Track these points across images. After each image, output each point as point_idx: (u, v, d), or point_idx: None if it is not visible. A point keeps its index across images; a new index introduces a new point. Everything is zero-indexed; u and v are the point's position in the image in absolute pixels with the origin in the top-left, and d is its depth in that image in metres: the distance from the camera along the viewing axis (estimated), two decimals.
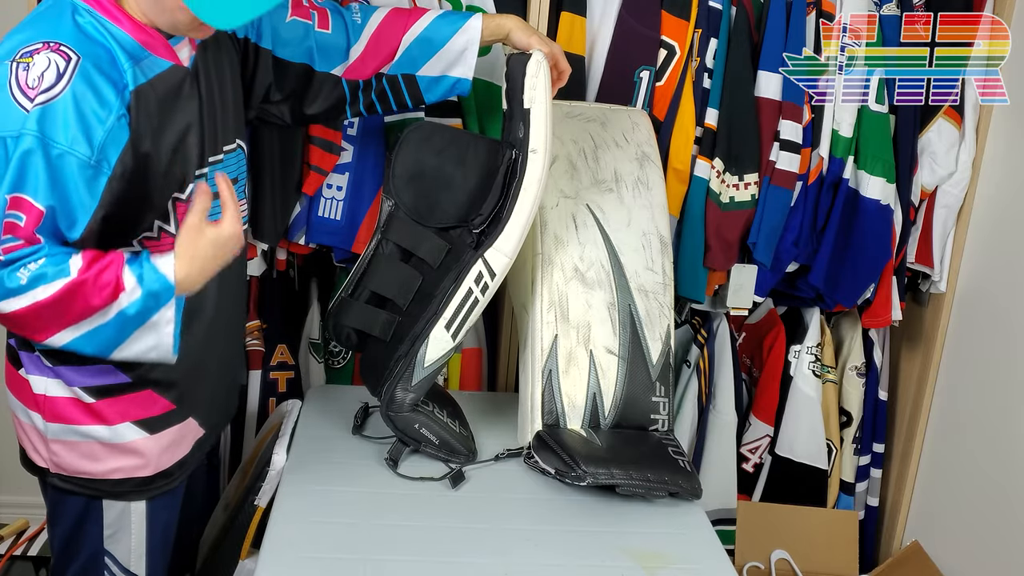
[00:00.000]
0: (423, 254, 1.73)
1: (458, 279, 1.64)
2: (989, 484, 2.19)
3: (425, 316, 1.66)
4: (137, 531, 1.55)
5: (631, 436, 1.71)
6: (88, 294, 1.26)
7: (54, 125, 1.24)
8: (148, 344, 1.33)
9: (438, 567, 1.41)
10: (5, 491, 2.61)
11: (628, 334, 1.75)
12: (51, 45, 1.26)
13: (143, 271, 1.28)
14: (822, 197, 2.19)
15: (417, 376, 1.65)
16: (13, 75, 1.24)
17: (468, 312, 1.64)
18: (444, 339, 1.64)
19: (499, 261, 1.63)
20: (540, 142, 1.61)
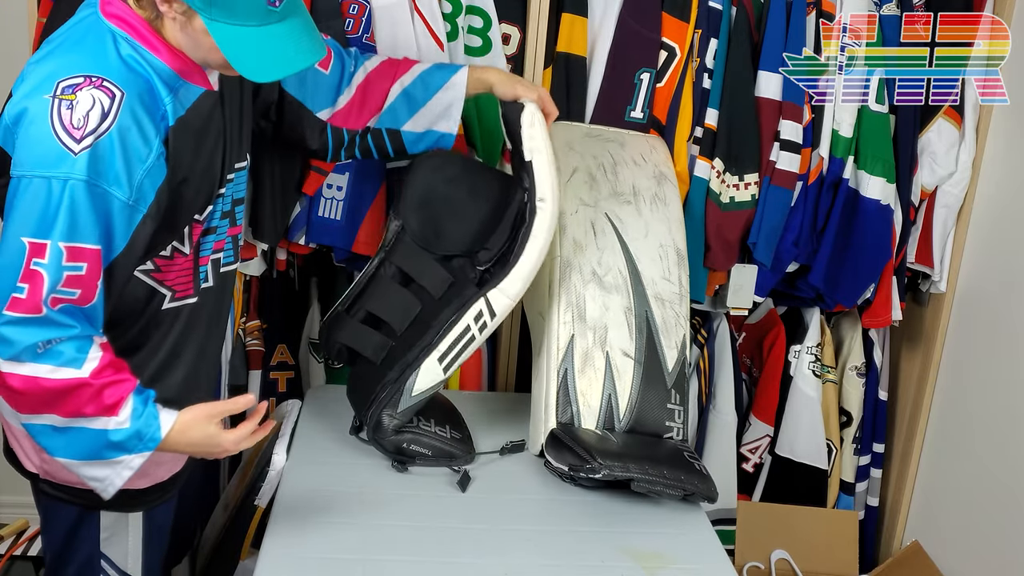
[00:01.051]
0: (425, 283, 1.72)
1: (458, 314, 1.64)
2: (989, 484, 2.19)
3: (419, 345, 1.65)
4: (134, 535, 1.54)
5: (646, 440, 1.70)
6: (85, 399, 1.25)
7: (100, 166, 1.23)
8: (100, 474, 1.31)
9: (438, 567, 1.41)
10: (5, 491, 2.61)
11: (644, 339, 1.75)
12: (94, 80, 1.24)
13: (144, 410, 1.28)
14: (822, 197, 2.19)
15: (404, 404, 1.65)
16: (56, 112, 1.22)
17: (463, 348, 1.65)
18: (435, 371, 1.65)
19: (501, 302, 1.64)
20: (547, 191, 1.63)
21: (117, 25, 1.29)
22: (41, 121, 1.22)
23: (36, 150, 1.22)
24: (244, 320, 2.14)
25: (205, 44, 1.29)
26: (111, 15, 1.30)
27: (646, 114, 2.07)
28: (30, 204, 1.21)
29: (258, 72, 1.29)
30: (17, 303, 1.22)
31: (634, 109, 2.07)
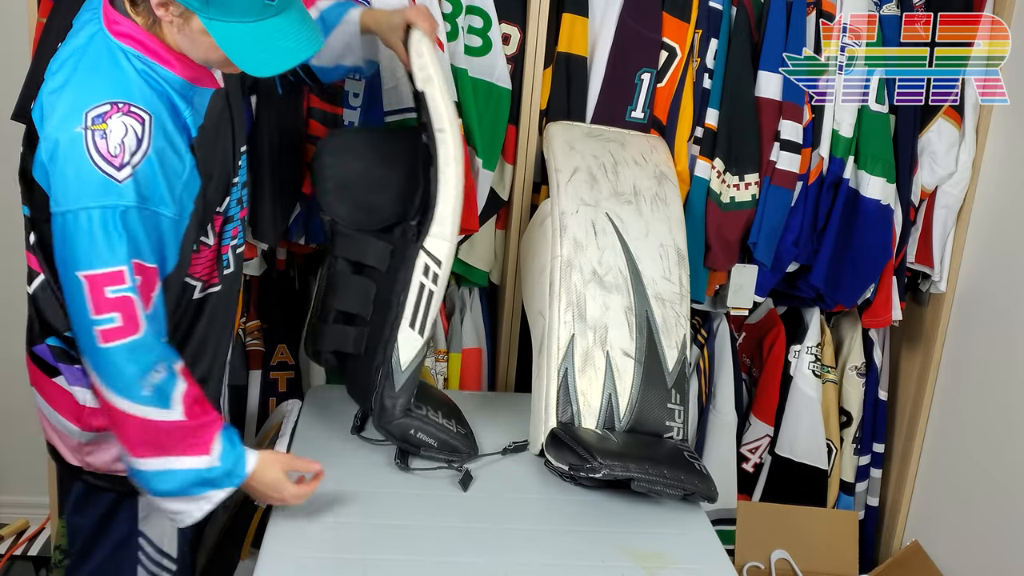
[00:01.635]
0: (372, 261, 1.72)
1: (406, 277, 1.63)
2: (989, 484, 2.19)
3: (388, 321, 1.65)
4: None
5: (647, 440, 1.70)
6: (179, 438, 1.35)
7: (145, 190, 1.27)
8: (182, 508, 1.40)
9: (438, 567, 1.41)
10: (5, 491, 2.61)
11: (645, 339, 1.75)
12: (120, 106, 1.27)
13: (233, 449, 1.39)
14: (822, 197, 2.19)
15: (399, 381, 1.64)
16: (91, 144, 1.24)
17: (427, 305, 1.63)
18: (412, 338, 1.63)
19: (439, 247, 1.62)
20: (444, 121, 1.58)
21: (127, 43, 1.31)
22: (78, 155, 1.24)
23: (79, 183, 1.25)
24: (244, 320, 2.14)
25: (204, 44, 1.30)
26: (119, 34, 1.31)
27: (647, 114, 2.08)
28: (87, 237, 1.25)
29: (259, 67, 1.30)
30: (114, 332, 1.28)
31: (635, 109, 2.07)
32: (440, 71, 1.59)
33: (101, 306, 1.27)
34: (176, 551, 1.62)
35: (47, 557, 2.31)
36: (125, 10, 1.31)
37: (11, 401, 2.50)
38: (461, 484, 1.63)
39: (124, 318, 1.27)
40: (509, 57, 2.04)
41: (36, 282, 1.43)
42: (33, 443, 2.20)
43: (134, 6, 1.31)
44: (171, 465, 1.35)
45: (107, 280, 1.26)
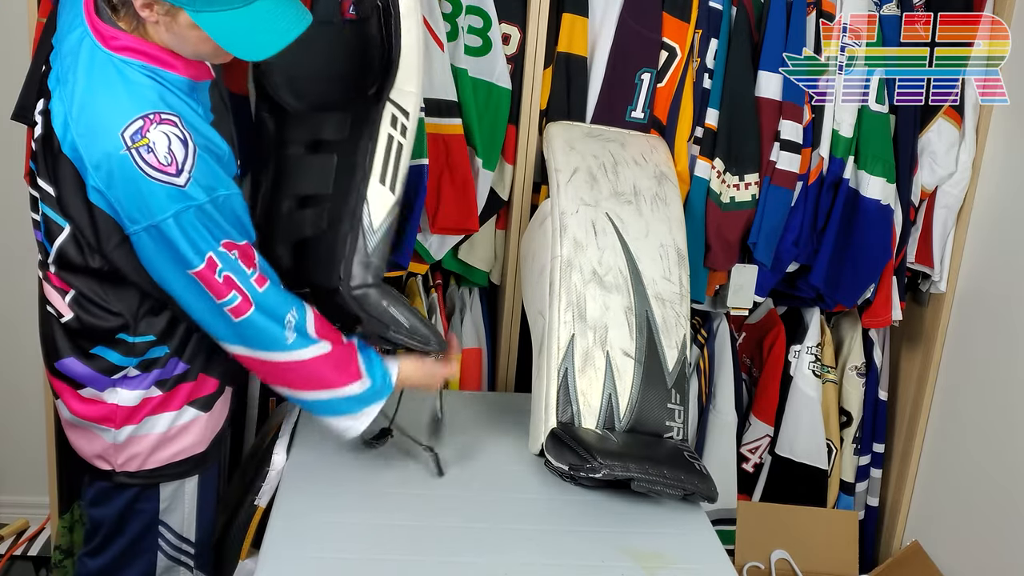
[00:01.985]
0: (329, 135, 1.65)
1: (373, 133, 1.58)
2: (989, 484, 2.19)
3: (355, 186, 1.58)
4: (190, 501, 1.62)
5: (647, 440, 1.70)
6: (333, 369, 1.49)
7: (207, 182, 1.33)
8: (346, 424, 1.55)
9: (438, 567, 1.41)
10: (5, 491, 2.61)
11: (645, 339, 1.75)
12: (151, 118, 1.30)
13: (376, 367, 1.54)
14: (822, 197, 2.19)
15: (371, 242, 1.58)
16: (141, 160, 1.28)
17: (396, 158, 1.59)
18: (383, 194, 1.58)
19: (406, 99, 1.59)
20: None
21: (127, 55, 1.32)
22: (133, 177, 1.28)
23: (147, 202, 1.30)
24: None
25: (192, 37, 1.31)
26: (119, 48, 1.32)
27: (647, 114, 2.08)
28: (173, 243, 1.33)
29: (253, 51, 1.33)
30: (240, 307, 1.39)
31: (635, 109, 2.07)
32: None
33: (220, 291, 1.37)
34: (195, 536, 1.65)
35: (47, 557, 2.31)
36: (111, 20, 1.32)
37: (11, 402, 2.50)
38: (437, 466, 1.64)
39: (240, 292, 1.38)
40: (509, 57, 2.04)
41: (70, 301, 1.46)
42: (33, 443, 2.21)
43: (115, 12, 1.32)
44: (333, 395, 1.50)
45: (211, 267, 1.35)
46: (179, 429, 1.55)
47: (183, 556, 1.65)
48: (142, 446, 1.53)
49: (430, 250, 2.10)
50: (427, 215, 2.04)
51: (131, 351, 1.48)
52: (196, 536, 1.65)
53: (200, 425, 1.58)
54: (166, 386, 1.52)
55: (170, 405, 1.53)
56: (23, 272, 1.50)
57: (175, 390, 1.53)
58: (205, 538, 1.69)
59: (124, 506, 1.58)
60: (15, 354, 2.41)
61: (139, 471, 1.55)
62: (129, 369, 1.49)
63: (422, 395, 1.71)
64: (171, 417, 1.54)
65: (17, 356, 2.40)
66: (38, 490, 2.32)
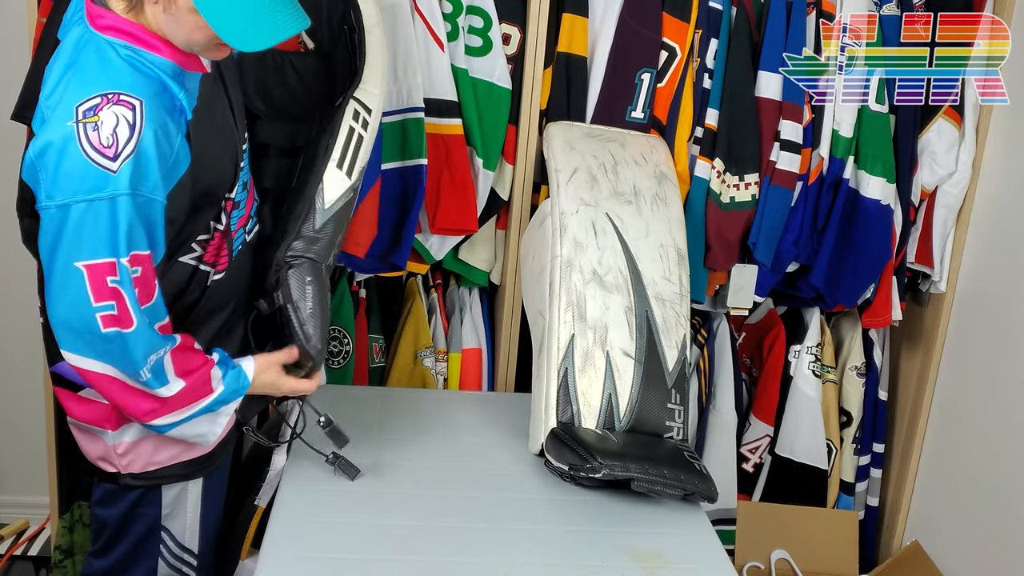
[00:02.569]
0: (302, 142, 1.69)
1: (335, 127, 1.60)
2: (989, 484, 2.19)
3: (315, 170, 1.59)
4: (192, 508, 1.61)
5: (647, 440, 1.70)
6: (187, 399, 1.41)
7: (139, 177, 1.27)
8: (202, 429, 1.47)
9: (438, 567, 1.41)
10: (5, 491, 2.61)
11: (645, 339, 1.75)
12: (110, 97, 1.26)
13: (229, 371, 1.46)
14: (822, 197, 2.19)
15: (320, 220, 1.57)
16: (84, 136, 1.24)
17: (356, 148, 1.60)
18: (339, 177, 1.59)
19: (370, 98, 1.62)
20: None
21: (112, 35, 1.31)
22: (71, 149, 1.24)
23: (73, 177, 1.24)
24: None
25: (189, 23, 1.30)
26: (103, 28, 1.31)
27: (647, 114, 2.08)
28: (82, 229, 1.25)
29: (248, 41, 1.30)
30: (111, 320, 1.29)
31: (635, 109, 2.07)
32: None
33: (101, 294, 1.28)
34: (197, 547, 1.64)
35: (47, 557, 2.31)
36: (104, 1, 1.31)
37: (11, 402, 2.51)
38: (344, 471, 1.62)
39: (119, 308, 1.29)
40: (509, 57, 2.04)
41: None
42: (33, 443, 2.21)
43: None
44: (184, 414, 1.42)
45: (106, 270, 1.27)
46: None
47: (184, 566, 1.64)
48: (143, 447, 1.52)
49: (430, 250, 2.10)
50: (427, 215, 2.04)
51: None
52: (199, 547, 1.64)
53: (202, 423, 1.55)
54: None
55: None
56: (22, 273, 1.50)
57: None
58: (208, 549, 1.67)
59: (127, 508, 1.57)
60: (15, 354, 2.41)
61: (143, 472, 1.54)
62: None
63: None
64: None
65: (17, 356, 2.40)
66: (38, 490, 2.32)
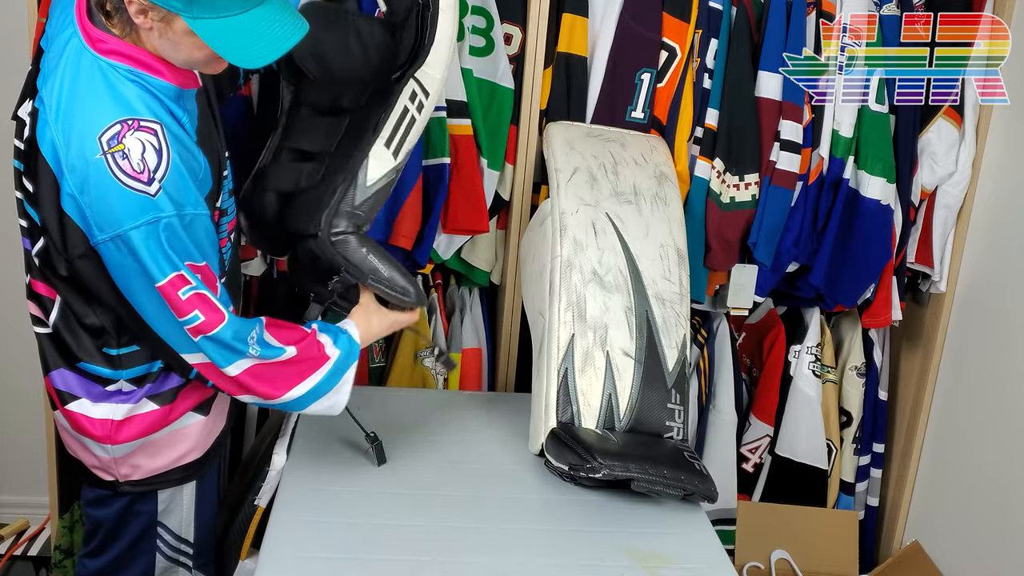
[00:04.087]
0: (347, 103, 1.65)
1: (392, 99, 1.57)
2: (989, 484, 2.19)
3: (359, 146, 1.57)
4: (188, 502, 1.62)
5: (647, 440, 1.70)
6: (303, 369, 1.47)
7: (179, 197, 1.30)
8: (329, 403, 1.51)
9: (438, 567, 1.41)
10: (5, 491, 2.61)
11: (645, 339, 1.75)
12: (130, 124, 1.28)
13: (337, 335, 1.52)
14: (822, 197, 2.19)
15: (360, 196, 1.56)
16: (115, 166, 1.26)
17: (407, 130, 1.58)
18: (385, 156, 1.57)
19: (431, 81, 1.59)
20: None
21: (115, 59, 1.31)
22: (106, 182, 1.26)
23: (116, 208, 1.27)
24: None
25: (187, 44, 1.30)
26: (106, 52, 1.31)
27: (647, 114, 2.08)
28: (138, 255, 1.28)
29: (250, 58, 1.30)
30: (203, 326, 1.35)
31: (635, 109, 2.07)
32: None
33: (182, 308, 1.33)
34: (194, 537, 1.65)
35: (47, 557, 2.31)
36: (102, 24, 1.31)
37: (11, 403, 2.51)
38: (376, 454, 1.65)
39: (205, 311, 1.34)
40: (511, 57, 2.04)
41: (54, 313, 1.46)
42: (33, 443, 2.21)
43: (108, 19, 1.30)
44: (309, 385, 1.47)
45: (175, 285, 1.31)
46: (176, 435, 1.55)
47: (182, 556, 1.66)
48: (141, 457, 1.52)
49: (438, 250, 2.10)
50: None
51: (118, 364, 1.46)
52: (195, 536, 1.65)
53: (198, 428, 1.57)
54: (162, 399, 1.51)
55: (169, 418, 1.53)
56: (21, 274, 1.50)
57: (175, 403, 1.53)
58: (204, 538, 1.69)
59: (123, 508, 1.58)
60: (15, 355, 2.41)
61: (142, 480, 1.55)
62: (122, 383, 1.48)
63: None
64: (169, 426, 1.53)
65: (16, 357, 2.40)
66: (38, 490, 2.32)
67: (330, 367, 1.49)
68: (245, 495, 1.76)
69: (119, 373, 1.47)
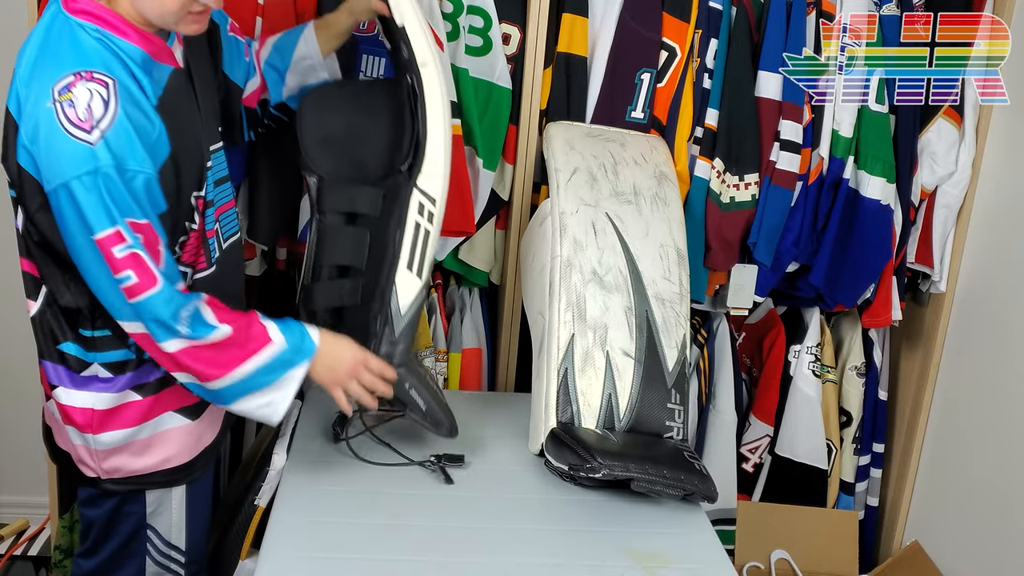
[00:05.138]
0: (363, 209, 1.70)
1: (401, 217, 1.61)
2: (989, 484, 2.19)
3: (385, 266, 1.62)
4: (177, 507, 1.61)
5: (647, 440, 1.70)
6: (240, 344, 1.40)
7: (120, 149, 1.29)
8: (268, 399, 1.45)
9: (438, 567, 1.41)
10: (5, 491, 2.61)
11: (645, 339, 1.75)
12: (83, 75, 1.29)
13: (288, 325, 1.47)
14: (822, 197, 2.19)
15: (399, 326, 1.61)
16: (62, 115, 1.27)
17: (423, 246, 1.61)
18: (410, 280, 1.61)
19: (432, 185, 1.61)
20: (426, 54, 1.57)
21: (84, 19, 1.33)
22: (52, 129, 1.27)
23: (60, 158, 1.28)
24: None
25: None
26: (76, 11, 1.34)
27: (647, 114, 2.08)
28: (80, 206, 1.28)
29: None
30: (135, 288, 1.32)
31: (635, 109, 2.07)
32: (418, 7, 1.59)
33: (117, 266, 1.31)
34: (184, 544, 1.64)
35: (47, 557, 2.31)
36: None
37: (11, 402, 2.51)
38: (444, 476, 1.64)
39: (139, 272, 1.32)
40: (509, 57, 2.04)
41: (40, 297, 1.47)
42: (33, 443, 2.20)
43: None
44: (245, 371, 1.41)
45: (111, 241, 1.30)
46: (161, 436, 1.54)
47: (172, 564, 1.64)
48: (123, 454, 1.51)
49: None
50: None
51: (91, 346, 1.46)
52: (186, 544, 1.64)
53: (184, 433, 1.56)
54: (145, 391, 1.50)
55: (152, 412, 1.51)
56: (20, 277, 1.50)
57: (158, 396, 1.51)
58: (196, 546, 1.67)
59: (113, 508, 1.57)
60: (14, 354, 2.41)
61: (123, 479, 1.54)
62: (98, 369, 1.47)
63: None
64: (153, 424, 1.52)
65: (16, 356, 2.40)
66: (38, 490, 2.32)
67: (272, 354, 1.43)
68: (245, 495, 1.77)
69: (93, 356, 1.47)
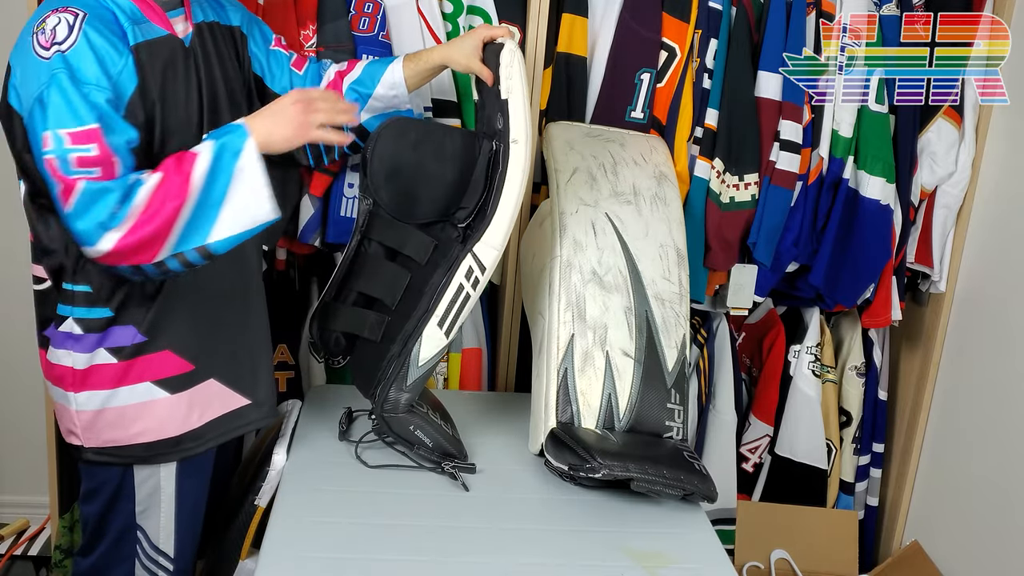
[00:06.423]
0: (410, 252, 1.72)
1: (448, 274, 1.63)
2: (988, 484, 2.19)
3: (416, 314, 1.64)
4: (167, 505, 1.61)
5: (646, 440, 1.70)
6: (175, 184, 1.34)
7: (77, 65, 1.34)
8: (244, 200, 1.37)
9: (438, 567, 1.41)
10: (5, 491, 2.61)
11: (644, 339, 1.75)
12: (59, 9, 1.37)
13: (210, 135, 1.41)
14: (822, 197, 2.19)
15: (412, 376, 1.64)
16: (35, 41, 1.36)
17: (460, 308, 1.63)
18: (437, 337, 1.63)
19: (488, 255, 1.62)
20: (521, 132, 1.60)
21: None
22: (27, 56, 1.36)
23: (30, 78, 1.35)
24: None
25: None
26: None
27: (646, 114, 2.08)
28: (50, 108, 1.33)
29: None
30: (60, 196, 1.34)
31: (634, 109, 2.07)
32: (526, 88, 1.62)
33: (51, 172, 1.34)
34: (173, 550, 1.64)
35: (47, 557, 2.32)
36: None
37: (11, 402, 2.51)
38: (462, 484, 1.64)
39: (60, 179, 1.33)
40: None
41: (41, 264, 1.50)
42: (33, 443, 2.21)
43: None
44: (196, 187, 1.35)
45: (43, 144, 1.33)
46: (140, 408, 1.54)
47: (160, 570, 1.65)
48: (102, 419, 1.53)
49: None
50: None
51: (70, 300, 1.49)
52: (175, 551, 1.64)
53: (165, 407, 1.55)
54: (121, 354, 1.51)
55: (127, 378, 1.52)
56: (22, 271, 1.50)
57: (132, 362, 1.52)
58: (184, 553, 1.67)
59: (106, 502, 1.59)
60: (14, 354, 2.41)
61: (104, 448, 1.55)
62: (72, 324, 1.49)
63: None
64: (128, 392, 1.53)
65: (16, 356, 2.40)
66: (38, 490, 2.32)
67: (208, 156, 1.36)
68: (245, 495, 1.77)
69: (69, 310, 1.49)
